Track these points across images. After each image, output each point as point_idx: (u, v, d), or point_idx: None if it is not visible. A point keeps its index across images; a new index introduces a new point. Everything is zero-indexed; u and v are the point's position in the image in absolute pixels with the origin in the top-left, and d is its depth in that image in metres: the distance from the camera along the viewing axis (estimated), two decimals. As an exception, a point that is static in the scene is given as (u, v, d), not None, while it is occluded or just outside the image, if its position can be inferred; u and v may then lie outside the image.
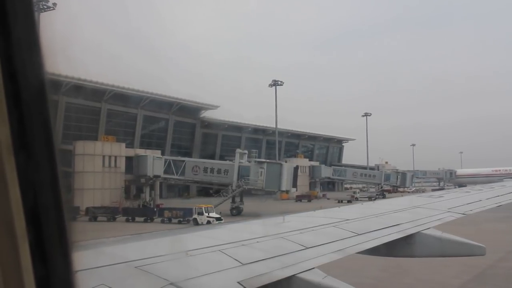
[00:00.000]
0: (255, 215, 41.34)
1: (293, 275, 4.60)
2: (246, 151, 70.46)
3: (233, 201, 64.11)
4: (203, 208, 49.28)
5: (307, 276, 4.65)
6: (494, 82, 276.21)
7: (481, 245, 7.60)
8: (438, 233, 7.51)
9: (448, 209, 9.47)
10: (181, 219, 50.80)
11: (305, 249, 5.40)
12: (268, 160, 70.89)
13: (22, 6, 1.29)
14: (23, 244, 1.26)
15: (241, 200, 64.93)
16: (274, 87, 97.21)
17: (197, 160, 77.07)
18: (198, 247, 4.84)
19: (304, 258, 5.10)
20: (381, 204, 11.09)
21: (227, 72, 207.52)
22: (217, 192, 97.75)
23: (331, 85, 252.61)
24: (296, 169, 68.66)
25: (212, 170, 68.70)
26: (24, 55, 1.28)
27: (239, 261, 4.53)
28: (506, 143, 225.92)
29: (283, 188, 65.58)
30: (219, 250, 4.75)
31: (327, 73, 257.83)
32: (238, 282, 4.07)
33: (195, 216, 48.51)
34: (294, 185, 68.52)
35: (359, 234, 6.49)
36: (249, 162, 67.04)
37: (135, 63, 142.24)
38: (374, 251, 6.60)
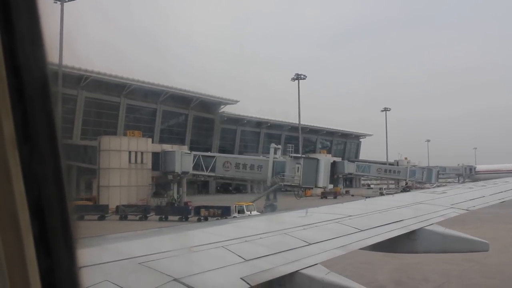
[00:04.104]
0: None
1: (296, 271, 4.61)
2: (280, 146, 67.23)
3: (268, 198, 60.84)
4: (244, 206, 47.24)
5: (310, 272, 4.66)
6: (496, 74, 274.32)
7: (485, 241, 7.60)
8: (441, 229, 7.51)
9: (451, 205, 9.46)
10: (219, 218, 46.84)
11: (308, 245, 5.40)
12: (304, 155, 68.05)
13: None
14: (27, 236, 1.27)
15: (275, 197, 61.51)
16: (296, 81, 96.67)
17: (229, 156, 73.90)
18: (202, 243, 4.85)
19: (307, 254, 5.11)
20: (384, 200, 11.09)
21: (231, 66, 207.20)
22: (237, 189, 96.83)
23: (334, 80, 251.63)
24: (333, 164, 66.30)
25: (244, 166, 65.26)
26: (27, 49, 1.29)
27: (242, 257, 4.54)
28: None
29: (320, 184, 62.46)
30: (223, 246, 4.76)
31: (331, 68, 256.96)
32: (241, 278, 4.07)
33: (235, 214, 46.15)
34: (331, 181, 65.78)
35: (362, 230, 6.49)
36: (284, 157, 64.28)
37: (139, 58, 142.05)
38: (376, 247, 6.61)
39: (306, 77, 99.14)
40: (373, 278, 19.61)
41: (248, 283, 4.02)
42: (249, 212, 45.47)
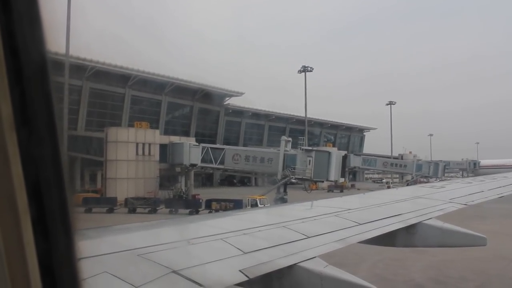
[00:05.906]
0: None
1: (295, 264, 4.62)
2: (290, 139, 65.60)
3: (278, 192, 59.10)
4: (257, 199, 46.71)
5: (309, 265, 4.68)
6: (499, 67, 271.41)
7: (483, 235, 7.63)
8: (439, 223, 7.54)
9: (450, 199, 9.48)
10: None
11: (306, 238, 5.42)
12: (316, 148, 67.34)
13: None
14: (25, 219, 1.28)
15: (285, 191, 59.72)
16: (302, 73, 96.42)
17: (238, 148, 73.01)
18: (200, 236, 4.89)
19: (305, 247, 5.12)
20: (383, 194, 11.12)
21: (231, 56, 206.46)
22: (241, 182, 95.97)
23: (335, 72, 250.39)
24: (344, 157, 64.29)
25: (254, 158, 63.95)
26: (26, 30, 1.28)
27: (241, 250, 4.56)
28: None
29: (331, 178, 61.17)
30: (221, 239, 4.78)
31: (331, 60, 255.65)
32: (240, 271, 4.10)
33: (248, 208, 44.84)
34: (343, 174, 64.60)
35: (360, 224, 6.51)
36: (295, 150, 62.63)
37: (141, 48, 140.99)
38: (375, 241, 6.65)
39: (313, 69, 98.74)
40: (409, 277, 19.19)
41: (246, 276, 4.04)
42: (262, 206, 44.99)
